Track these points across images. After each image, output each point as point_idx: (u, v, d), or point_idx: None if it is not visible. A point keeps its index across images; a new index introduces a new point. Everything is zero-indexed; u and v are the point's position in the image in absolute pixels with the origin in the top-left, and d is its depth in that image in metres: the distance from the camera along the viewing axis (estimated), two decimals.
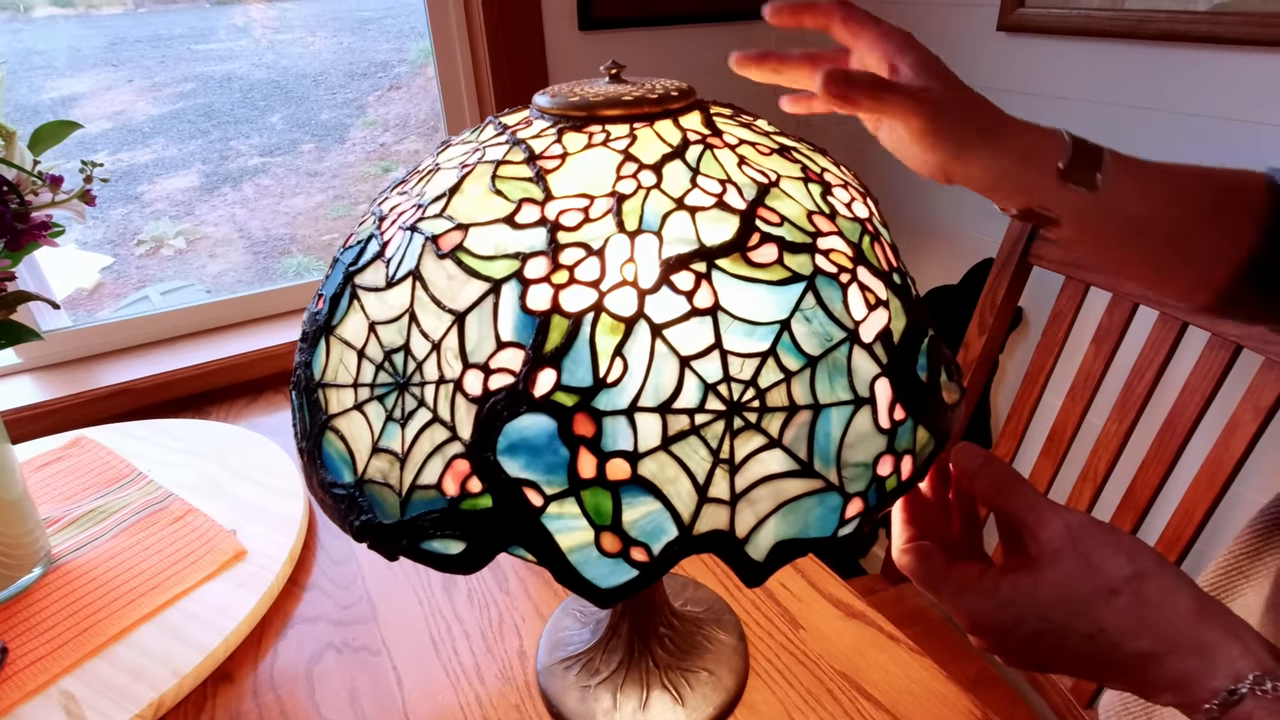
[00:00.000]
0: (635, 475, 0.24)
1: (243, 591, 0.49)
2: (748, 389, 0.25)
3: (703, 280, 0.25)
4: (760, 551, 0.26)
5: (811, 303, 0.26)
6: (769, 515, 0.26)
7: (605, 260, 0.25)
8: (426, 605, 0.50)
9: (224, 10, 0.87)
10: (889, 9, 0.97)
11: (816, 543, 0.26)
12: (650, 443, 0.24)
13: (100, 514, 0.56)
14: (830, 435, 0.26)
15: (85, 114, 0.84)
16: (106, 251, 0.89)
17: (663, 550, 0.25)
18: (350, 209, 1.01)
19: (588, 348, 0.24)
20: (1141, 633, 0.23)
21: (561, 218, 0.26)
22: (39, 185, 0.41)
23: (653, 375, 0.24)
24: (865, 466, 0.27)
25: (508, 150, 0.29)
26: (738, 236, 0.26)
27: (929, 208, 1.01)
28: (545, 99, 0.31)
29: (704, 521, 0.25)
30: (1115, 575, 0.24)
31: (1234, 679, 0.22)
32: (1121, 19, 0.71)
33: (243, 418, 0.73)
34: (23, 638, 0.45)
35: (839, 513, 0.27)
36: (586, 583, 0.25)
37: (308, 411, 0.30)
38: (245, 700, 0.43)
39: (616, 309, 0.25)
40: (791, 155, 0.31)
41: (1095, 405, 0.66)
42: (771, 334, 0.25)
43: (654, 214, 0.26)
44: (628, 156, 0.28)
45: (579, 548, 0.25)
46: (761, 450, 0.25)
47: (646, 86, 0.32)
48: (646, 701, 0.40)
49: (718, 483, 0.25)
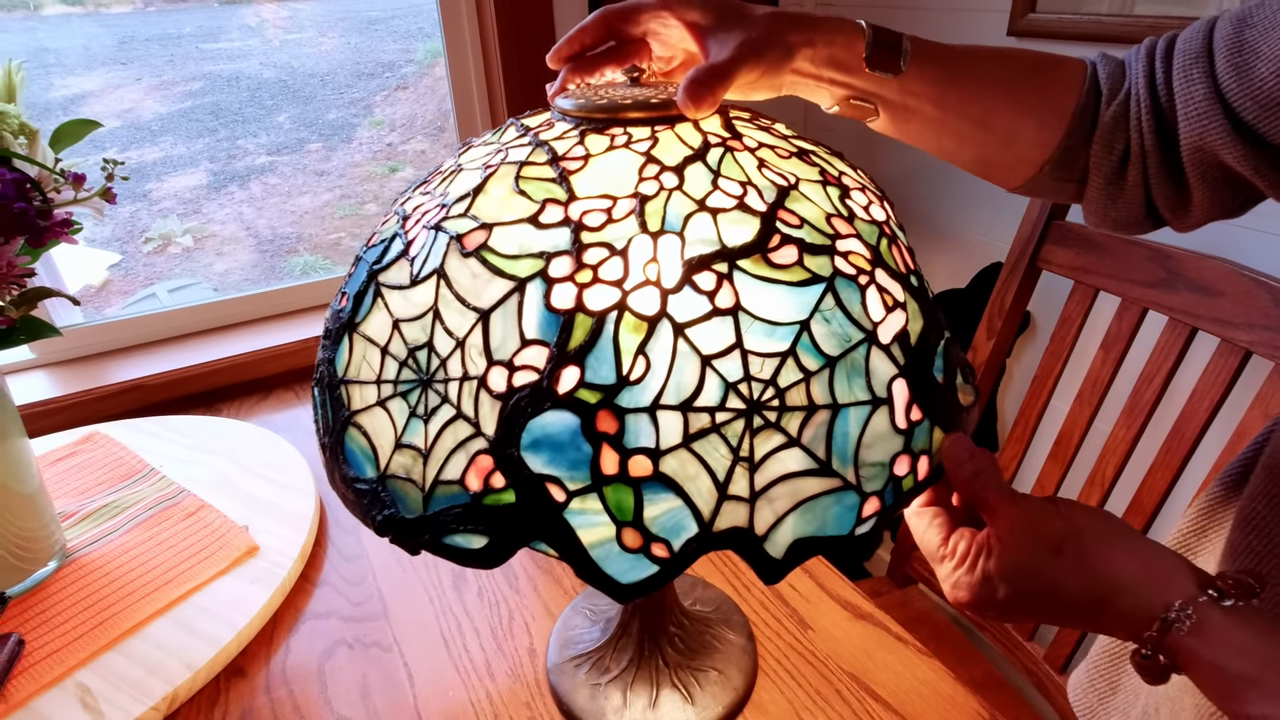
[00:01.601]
0: (657, 472, 0.25)
1: (255, 587, 0.49)
2: (768, 388, 0.25)
3: (724, 281, 0.26)
4: (779, 549, 0.26)
5: (831, 304, 0.26)
6: (787, 513, 0.26)
7: (629, 260, 0.26)
8: (437, 602, 0.50)
9: (232, 10, 0.87)
10: (899, 14, 0.97)
11: (834, 541, 0.27)
12: (672, 440, 0.25)
13: (114, 509, 0.56)
14: (848, 435, 0.26)
15: (95, 112, 0.85)
16: (115, 249, 0.89)
17: (683, 546, 0.26)
18: (357, 208, 1.01)
19: (611, 346, 0.25)
20: (1089, 582, 0.26)
21: (585, 218, 0.26)
22: (61, 183, 0.41)
23: (675, 374, 0.25)
24: (882, 466, 0.27)
25: (531, 152, 0.30)
26: (759, 238, 0.26)
27: (938, 211, 1.01)
28: (568, 101, 0.31)
29: (724, 518, 0.26)
30: (1056, 537, 0.27)
31: (1166, 609, 0.25)
32: (1132, 24, 0.71)
33: (254, 415, 0.73)
34: (39, 630, 0.45)
35: (856, 511, 0.27)
36: (607, 578, 0.25)
37: (330, 408, 0.30)
38: (258, 695, 0.44)
39: (640, 308, 0.25)
40: (810, 158, 0.31)
41: (1103, 410, 0.66)
42: (792, 334, 0.26)
43: (676, 215, 0.26)
44: (650, 158, 0.28)
45: (600, 543, 0.25)
46: (780, 449, 0.26)
47: (668, 89, 0.32)
48: (656, 700, 0.41)
49: (737, 480, 0.25)
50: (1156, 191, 0.35)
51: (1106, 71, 0.35)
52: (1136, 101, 0.34)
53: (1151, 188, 0.35)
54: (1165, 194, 0.35)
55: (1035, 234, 0.70)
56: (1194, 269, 0.58)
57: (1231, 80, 0.31)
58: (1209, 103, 0.31)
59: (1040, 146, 0.36)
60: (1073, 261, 0.68)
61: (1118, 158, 0.35)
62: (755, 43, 0.31)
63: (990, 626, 0.75)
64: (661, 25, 0.33)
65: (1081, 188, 0.38)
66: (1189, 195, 0.35)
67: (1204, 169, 0.33)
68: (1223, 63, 0.31)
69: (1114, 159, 0.35)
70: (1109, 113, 0.35)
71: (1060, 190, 0.38)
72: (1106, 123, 0.35)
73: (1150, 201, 0.36)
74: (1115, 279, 0.64)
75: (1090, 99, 0.35)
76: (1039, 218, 0.70)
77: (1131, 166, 0.35)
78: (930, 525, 0.31)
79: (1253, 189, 0.34)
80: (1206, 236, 0.47)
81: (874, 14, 1.00)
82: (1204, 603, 0.25)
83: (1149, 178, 0.35)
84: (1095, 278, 0.66)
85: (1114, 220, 0.38)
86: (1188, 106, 0.32)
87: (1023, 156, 0.37)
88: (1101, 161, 0.35)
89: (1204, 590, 0.25)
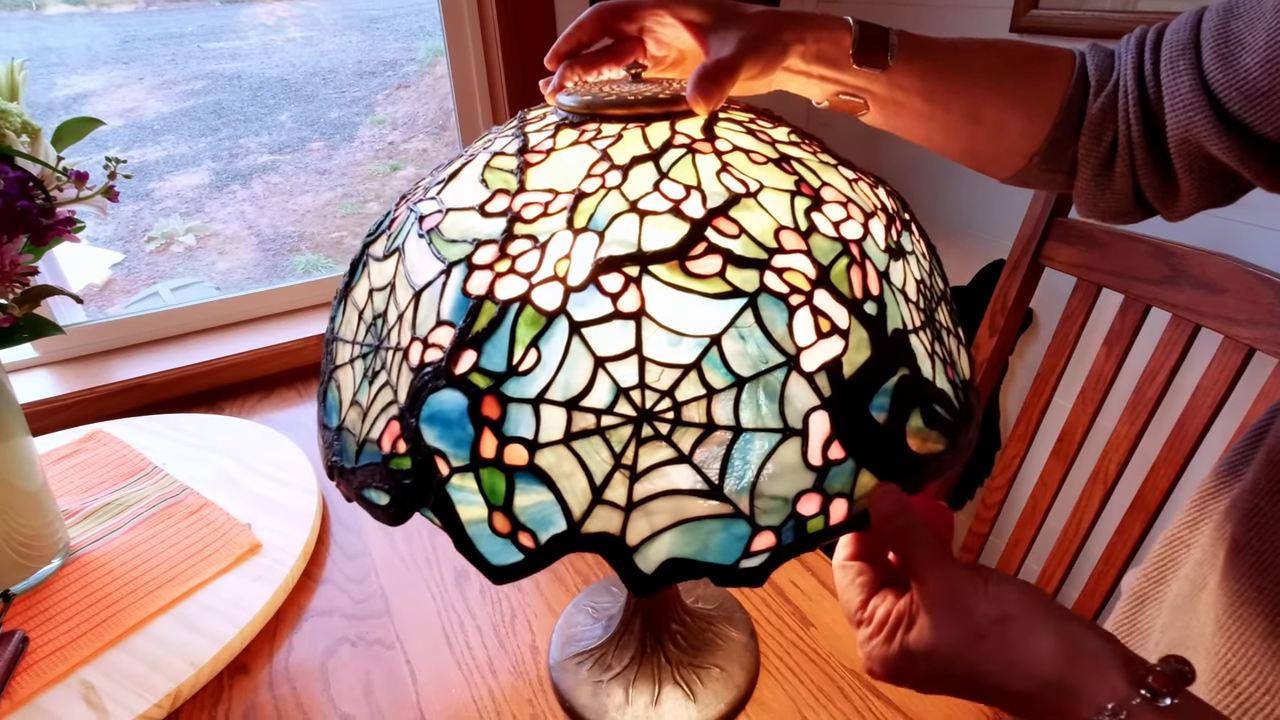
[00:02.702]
0: (531, 463, 0.25)
1: (258, 585, 0.49)
2: (663, 399, 0.24)
3: (632, 284, 0.25)
4: (650, 564, 0.25)
5: (750, 321, 0.25)
6: (665, 530, 0.25)
7: (545, 254, 0.26)
8: (439, 600, 0.51)
9: (234, 8, 0.87)
10: (902, 11, 0.97)
11: (714, 568, 0.25)
12: (552, 435, 0.25)
13: (117, 507, 0.56)
14: (749, 462, 0.25)
15: (97, 111, 0.85)
16: (117, 248, 0.89)
17: (549, 540, 0.25)
18: (358, 207, 1.01)
19: (508, 335, 0.25)
20: (1011, 674, 0.24)
21: (523, 210, 0.27)
22: (64, 181, 0.41)
23: (564, 370, 0.25)
24: (785, 501, 0.25)
25: (509, 142, 0.30)
26: (680, 244, 0.25)
27: (940, 209, 1.01)
28: (569, 98, 0.31)
29: (595, 522, 0.25)
30: (982, 620, 0.25)
31: (1097, 711, 0.23)
32: (1134, 19, 0.71)
33: (256, 413, 0.73)
34: (43, 627, 0.46)
35: (745, 543, 0.26)
36: (481, 556, 0.26)
37: (325, 360, 0.32)
38: (261, 692, 0.44)
39: (541, 302, 0.25)
40: (789, 166, 0.29)
41: (1106, 407, 0.66)
42: (699, 347, 0.25)
43: (605, 214, 0.26)
44: (604, 156, 0.28)
45: (475, 522, 0.26)
46: (668, 463, 0.25)
47: (661, 86, 0.32)
48: (658, 697, 0.41)
49: (615, 487, 0.25)
50: (1144, 182, 0.35)
51: (1095, 63, 0.35)
52: (1124, 93, 0.34)
53: (1139, 178, 0.35)
54: (1153, 184, 0.35)
55: (1038, 231, 0.70)
56: (1197, 266, 0.58)
57: (1217, 71, 0.30)
58: (1195, 94, 0.31)
59: (1028, 138, 0.36)
60: (1075, 258, 0.67)
61: (1105, 149, 0.35)
62: (755, 39, 0.31)
63: None
64: (658, 23, 0.33)
65: (1071, 178, 0.37)
66: (1177, 186, 0.34)
67: (1191, 160, 0.33)
68: (1209, 54, 0.31)
69: (1101, 150, 0.35)
70: (1096, 104, 0.34)
71: (1050, 181, 0.38)
72: (1094, 114, 0.34)
73: (1139, 192, 0.36)
74: (1118, 276, 0.64)
75: (1078, 91, 0.35)
76: (1041, 214, 0.69)
77: (1119, 158, 0.35)
78: (852, 583, 0.29)
79: (1240, 179, 0.33)
80: (1210, 233, 0.47)
81: (877, 9, 1.00)
82: (1137, 705, 0.23)
83: (1136, 168, 0.35)
84: (1098, 274, 0.65)
85: (1102, 210, 0.38)
86: (1174, 98, 0.32)
87: (1011, 148, 0.36)
88: (1089, 153, 0.35)
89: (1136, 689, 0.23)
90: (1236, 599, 0.33)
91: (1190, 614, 0.38)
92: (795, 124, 0.34)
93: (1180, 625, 0.38)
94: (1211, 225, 0.38)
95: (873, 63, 0.34)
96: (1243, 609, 0.33)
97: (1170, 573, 0.42)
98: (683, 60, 0.36)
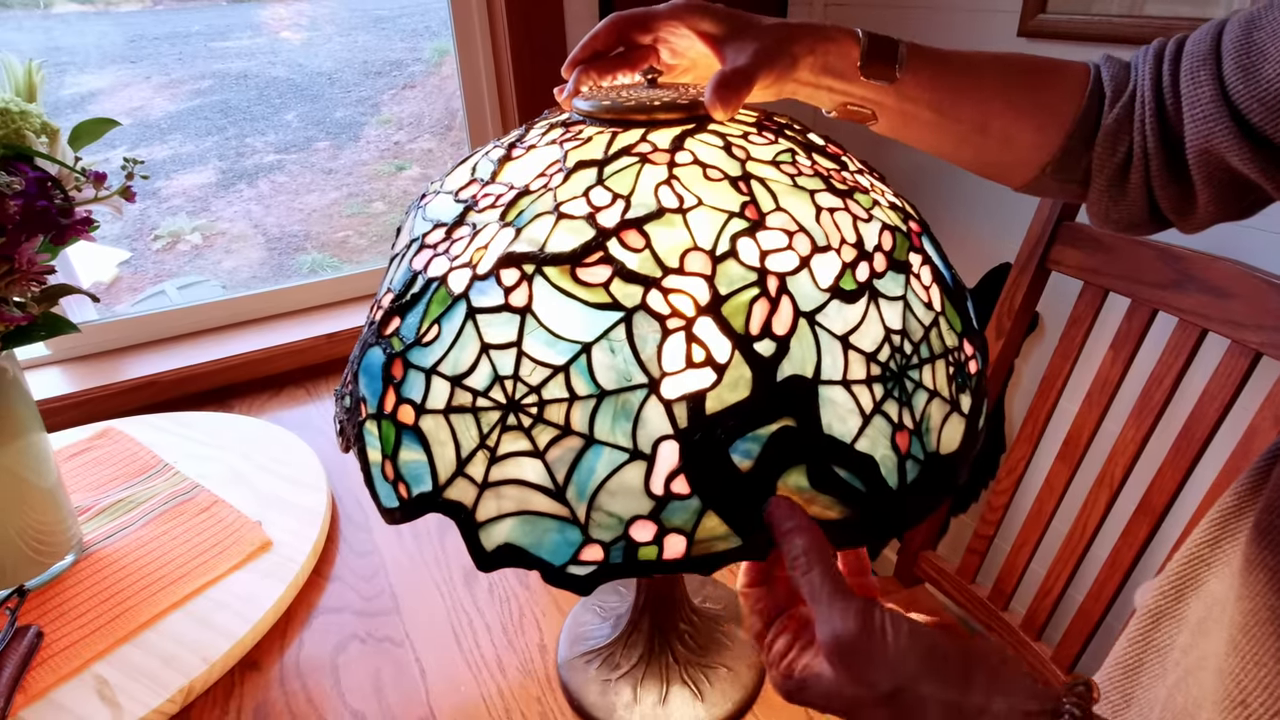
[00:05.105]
0: (415, 425, 0.27)
1: (269, 581, 0.50)
2: (531, 394, 0.26)
3: (525, 281, 0.26)
4: (492, 542, 0.27)
5: (621, 336, 0.25)
6: (509, 515, 0.26)
7: (473, 242, 0.28)
8: (448, 598, 0.51)
9: (241, 8, 0.88)
10: (909, 15, 0.97)
11: (544, 565, 0.26)
12: (436, 404, 0.27)
13: (129, 503, 0.57)
14: (594, 472, 0.25)
15: (104, 109, 0.85)
16: (124, 246, 0.90)
17: (417, 496, 0.28)
18: (364, 206, 1.01)
19: (423, 309, 0.28)
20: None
21: (480, 200, 0.29)
22: (82, 181, 0.42)
23: (456, 348, 0.27)
24: (619, 521, 0.25)
25: (517, 136, 0.32)
26: (577, 250, 0.26)
27: (947, 212, 1.01)
28: (584, 103, 0.32)
29: (454, 490, 0.27)
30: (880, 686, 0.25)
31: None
32: (1143, 25, 0.71)
33: (265, 412, 0.74)
34: (57, 623, 0.46)
35: (575, 550, 0.26)
36: (376, 494, 0.29)
37: None
38: (272, 688, 0.44)
39: (453, 284, 0.28)
40: (746, 186, 0.28)
41: (1112, 411, 0.66)
42: (571, 351, 0.25)
43: (530, 213, 0.28)
44: (562, 157, 0.29)
45: (375, 464, 0.29)
46: (523, 455, 0.26)
47: (662, 94, 0.32)
48: (666, 696, 0.41)
49: (476, 464, 0.27)
50: (1160, 194, 0.35)
51: (1110, 74, 0.35)
52: (1141, 104, 0.34)
53: (1155, 190, 0.35)
54: (1169, 196, 0.35)
55: (1045, 234, 0.70)
56: (1204, 270, 0.58)
57: (1239, 82, 0.30)
58: (1216, 105, 0.31)
59: (1040, 149, 0.36)
60: (1082, 262, 0.68)
61: (1120, 160, 0.35)
62: (769, 50, 0.32)
63: (996, 627, 0.75)
64: (672, 33, 0.34)
65: (1084, 188, 0.37)
66: (1194, 197, 0.34)
67: (1210, 171, 0.33)
68: (1230, 65, 0.31)
69: (1116, 161, 0.35)
70: (1112, 116, 0.34)
71: (1063, 190, 0.38)
72: (1109, 126, 0.34)
73: (1154, 203, 0.36)
74: (1125, 280, 0.64)
75: (1093, 102, 0.35)
76: (1049, 218, 0.70)
77: (1134, 168, 0.35)
78: (752, 610, 0.29)
79: (1260, 191, 0.33)
80: (1217, 238, 0.47)
81: (885, 14, 1.00)
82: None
83: (1151, 180, 0.35)
84: (1105, 278, 0.66)
85: (1116, 221, 0.38)
86: (1194, 108, 0.32)
87: (1022, 159, 0.37)
88: (1104, 164, 0.35)
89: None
90: (1251, 618, 0.33)
91: (1207, 635, 0.37)
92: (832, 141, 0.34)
93: (1202, 647, 0.38)
94: (1219, 230, 0.38)
95: (880, 75, 0.34)
96: (1257, 629, 0.32)
97: (1190, 591, 0.41)
98: (693, 67, 0.37)
